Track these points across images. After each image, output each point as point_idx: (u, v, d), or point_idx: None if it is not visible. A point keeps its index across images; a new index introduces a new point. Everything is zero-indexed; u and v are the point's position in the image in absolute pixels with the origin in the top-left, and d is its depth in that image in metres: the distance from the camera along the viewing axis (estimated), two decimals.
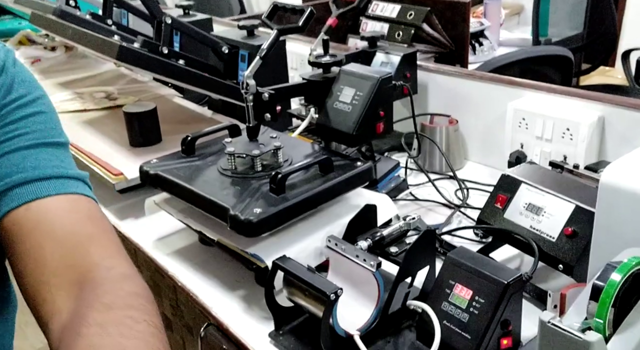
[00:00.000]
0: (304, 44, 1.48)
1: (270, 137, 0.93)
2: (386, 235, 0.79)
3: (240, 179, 0.86)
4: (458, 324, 0.66)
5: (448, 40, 1.39)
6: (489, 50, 1.98)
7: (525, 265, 0.88)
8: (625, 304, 0.52)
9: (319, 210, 0.86)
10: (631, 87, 1.93)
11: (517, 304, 0.67)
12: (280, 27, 0.93)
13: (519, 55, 1.66)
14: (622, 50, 1.98)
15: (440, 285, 0.69)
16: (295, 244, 0.81)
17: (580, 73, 2.14)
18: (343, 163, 0.88)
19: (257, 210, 0.76)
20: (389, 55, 1.21)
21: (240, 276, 0.89)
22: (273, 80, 0.99)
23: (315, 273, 0.71)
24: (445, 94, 1.25)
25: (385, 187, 1.07)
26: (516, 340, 0.68)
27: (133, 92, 1.57)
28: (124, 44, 1.02)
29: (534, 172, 0.86)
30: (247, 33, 1.28)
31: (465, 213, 1.03)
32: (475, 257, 0.70)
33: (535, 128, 1.08)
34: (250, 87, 0.87)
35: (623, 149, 0.98)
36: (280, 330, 0.76)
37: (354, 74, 0.97)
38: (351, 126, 0.93)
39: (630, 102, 0.99)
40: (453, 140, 1.20)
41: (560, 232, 0.76)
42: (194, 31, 1.23)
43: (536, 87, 1.10)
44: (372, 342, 0.71)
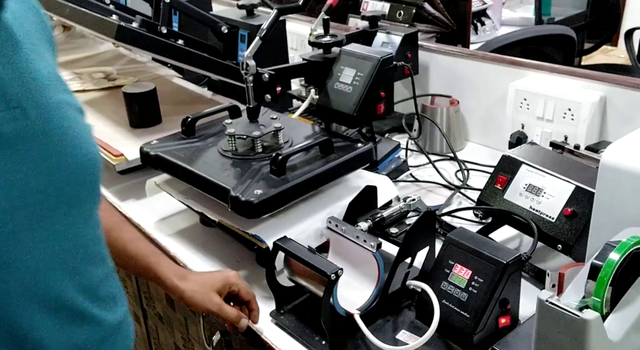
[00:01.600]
0: (304, 24, 1.47)
1: (271, 118, 0.93)
2: (386, 216, 0.80)
3: (241, 160, 0.86)
4: (457, 303, 0.67)
5: (450, 19, 1.37)
6: (491, 29, 1.96)
7: (524, 245, 0.88)
8: (623, 283, 0.52)
9: (319, 192, 0.86)
10: (634, 66, 1.91)
11: (515, 283, 0.68)
12: (280, 6, 0.92)
13: (521, 34, 1.64)
14: (625, 29, 1.96)
15: (439, 265, 0.70)
16: (296, 225, 0.82)
17: (583, 52, 2.12)
18: (343, 144, 0.88)
19: (258, 191, 0.76)
20: (390, 35, 1.20)
21: (241, 257, 0.90)
22: (273, 61, 0.99)
23: (315, 254, 0.72)
24: (447, 74, 1.24)
25: (385, 169, 1.08)
26: (514, 319, 0.69)
27: (132, 73, 1.56)
28: (123, 24, 1.01)
29: (535, 152, 0.86)
30: (246, 13, 1.26)
31: (465, 194, 1.03)
32: (474, 238, 0.71)
33: (536, 108, 1.07)
34: (250, 68, 0.87)
35: (624, 129, 0.98)
36: (281, 310, 0.77)
37: (355, 54, 0.96)
38: (352, 107, 0.92)
39: (632, 82, 0.99)
40: (454, 121, 1.20)
41: (560, 212, 0.76)
42: (193, 11, 1.21)
43: (538, 67, 1.10)
44: (372, 321, 0.72)
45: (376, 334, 0.68)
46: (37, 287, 0.52)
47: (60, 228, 0.54)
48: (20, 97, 0.51)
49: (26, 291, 0.52)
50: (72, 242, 0.56)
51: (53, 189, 0.53)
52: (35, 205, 0.51)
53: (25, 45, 0.54)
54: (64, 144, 0.54)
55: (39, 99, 0.53)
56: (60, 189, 0.54)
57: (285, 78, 1.00)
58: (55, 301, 0.54)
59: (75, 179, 0.55)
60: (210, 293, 0.72)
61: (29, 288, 0.52)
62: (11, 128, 0.50)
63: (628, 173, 0.59)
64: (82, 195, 0.57)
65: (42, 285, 0.53)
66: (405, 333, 0.71)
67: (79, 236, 0.57)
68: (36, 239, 0.52)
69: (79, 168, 0.56)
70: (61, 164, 0.54)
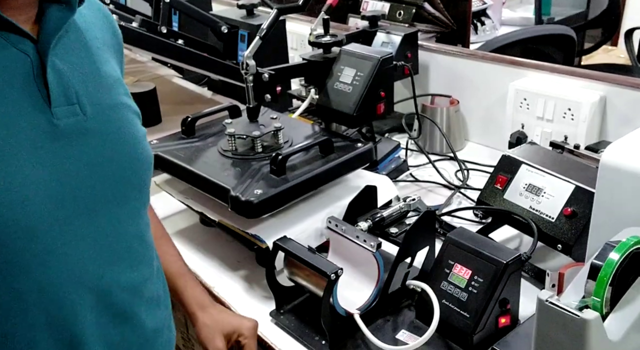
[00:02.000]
0: (304, 24, 1.47)
1: (271, 118, 0.93)
2: (386, 216, 0.80)
3: (241, 160, 0.86)
4: (457, 303, 0.67)
5: (450, 19, 1.37)
6: (491, 29, 1.96)
7: (524, 245, 0.88)
8: (623, 283, 0.52)
9: (319, 192, 0.86)
10: (634, 66, 1.91)
11: (515, 283, 0.68)
12: (280, 6, 0.92)
13: (521, 34, 1.64)
14: (625, 29, 1.96)
15: (439, 265, 0.70)
16: (296, 225, 0.81)
17: (583, 52, 2.12)
18: (343, 144, 0.88)
19: (258, 191, 0.76)
20: (390, 35, 1.20)
21: (241, 256, 0.90)
22: (273, 61, 0.99)
23: (315, 253, 0.72)
24: (447, 74, 1.24)
25: (385, 168, 1.08)
26: (514, 319, 0.69)
27: (132, 72, 1.56)
28: (123, 24, 1.01)
29: (535, 152, 0.86)
30: (246, 12, 1.27)
31: (465, 194, 1.03)
32: (474, 238, 0.71)
33: (536, 108, 1.07)
34: (250, 68, 0.87)
35: (624, 128, 0.98)
36: (281, 310, 0.77)
37: (355, 54, 0.96)
38: (352, 107, 0.92)
39: (632, 82, 0.99)
40: (454, 121, 1.20)
41: (560, 212, 0.76)
42: (193, 10, 1.21)
43: (538, 67, 1.10)
44: (372, 321, 0.72)
45: (376, 334, 0.68)
46: (82, 277, 0.53)
47: (106, 223, 0.55)
48: (80, 95, 0.54)
49: (71, 279, 0.53)
50: (117, 238, 0.57)
51: (103, 185, 0.55)
52: (84, 197, 0.53)
53: (92, 48, 0.58)
54: (117, 142, 0.56)
55: (98, 99, 0.56)
56: (109, 185, 0.55)
57: (285, 78, 1.00)
58: (97, 293, 0.54)
59: (125, 178, 0.57)
60: (217, 334, 0.71)
61: (73, 277, 0.53)
62: (69, 122, 0.52)
63: (628, 173, 0.59)
64: (130, 193, 0.58)
65: (86, 276, 0.54)
66: (405, 333, 0.71)
67: (124, 233, 0.58)
68: (83, 231, 0.53)
69: (130, 167, 0.58)
70: (113, 162, 0.56)
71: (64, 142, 0.52)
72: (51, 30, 0.52)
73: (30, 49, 0.51)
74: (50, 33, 0.52)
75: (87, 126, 0.54)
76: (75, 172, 0.53)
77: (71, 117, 0.53)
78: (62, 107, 0.52)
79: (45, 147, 0.51)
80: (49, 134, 0.51)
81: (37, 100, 0.51)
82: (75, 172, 0.53)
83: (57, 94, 0.52)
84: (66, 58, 0.54)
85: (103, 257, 0.55)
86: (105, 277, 0.55)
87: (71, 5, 0.54)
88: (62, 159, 0.52)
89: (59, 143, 0.52)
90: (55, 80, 0.52)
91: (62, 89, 0.52)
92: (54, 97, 0.52)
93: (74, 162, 0.53)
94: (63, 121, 0.52)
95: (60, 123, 0.52)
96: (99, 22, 0.61)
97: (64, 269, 0.52)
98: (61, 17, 0.53)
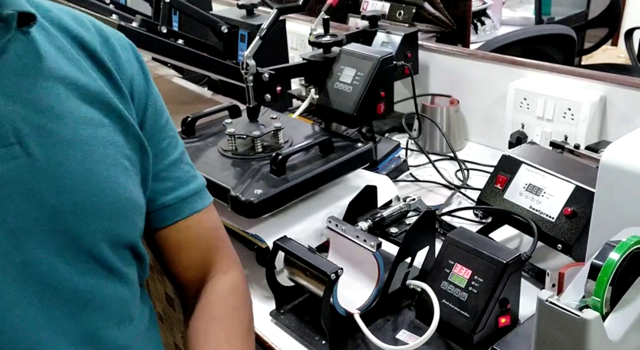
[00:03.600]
0: (304, 24, 1.47)
1: (271, 117, 0.93)
2: (386, 216, 0.80)
3: (241, 160, 0.86)
4: (457, 303, 0.67)
5: (450, 19, 1.37)
6: (491, 29, 1.96)
7: (524, 245, 0.88)
8: (623, 283, 0.52)
9: (319, 191, 0.86)
10: (634, 66, 1.91)
11: (515, 283, 0.68)
12: (280, 6, 0.92)
13: (521, 34, 1.64)
14: (625, 29, 1.96)
15: (439, 265, 0.70)
16: (296, 225, 0.82)
17: (583, 52, 2.12)
18: (343, 144, 0.88)
19: (258, 191, 0.76)
20: (390, 34, 1.20)
21: (241, 256, 0.90)
22: (273, 61, 0.99)
23: (315, 253, 0.72)
24: (447, 74, 1.24)
25: (385, 168, 1.08)
26: (514, 319, 0.69)
27: None
28: (123, 23, 1.01)
29: (535, 152, 0.85)
30: (246, 12, 1.26)
31: (465, 194, 1.03)
32: (474, 238, 0.71)
33: (536, 108, 1.07)
34: (250, 68, 0.87)
35: (624, 128, 0.98)
36: (281, 310, 0.77)
37: (355, 54, 0.96)
38: (352, 107, 0.92)
39: (632, 82, 0.99)
40: (454, 121, 1.20)
41: (560, 212, 0.76)
42: (193, 10, 1.21)
43: (538, 67, 1.10)
44: (372, 321, 0.72)
45: (376, 334, 0.68)
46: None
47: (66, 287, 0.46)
48: (21, 132, 0.44)
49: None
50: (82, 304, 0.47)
51: (59, 240, 0.45)
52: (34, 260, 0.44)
53: (54, 67, 0.48)
54: (77, 186, 0.46)
55: (50, 134, 0.46)
56: (67, 239, 0.46)
57: (285, 78, 1.00)
58: None
59: (90, 228, 0.47)
60: None
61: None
62: (9, 166, 0.43)
63: (628, 173, 0.59)
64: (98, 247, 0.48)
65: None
66: (405, 333, 0.71)
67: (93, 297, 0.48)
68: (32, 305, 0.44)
69: (97, 215, 0.47)
70: (71, 210, 0.46)
71: (4, 192, 0.43)
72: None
73: None
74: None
75: (36, 169, 0.44)
76: (21, 230, 0.43)
77: (11, 161, 0.43)
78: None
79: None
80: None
81: None
82: (20, 229, 0.43)
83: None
84: (6, 86, 0.44)
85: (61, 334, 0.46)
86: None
87: (8, 24, 0.44)
88: (2, 213, 0.42)
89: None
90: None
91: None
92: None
93: (19, 216, 0.43)
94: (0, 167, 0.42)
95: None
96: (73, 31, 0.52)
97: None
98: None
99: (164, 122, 0.61)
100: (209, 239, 0.64)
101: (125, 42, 0.58)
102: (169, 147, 0.61)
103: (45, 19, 0.50)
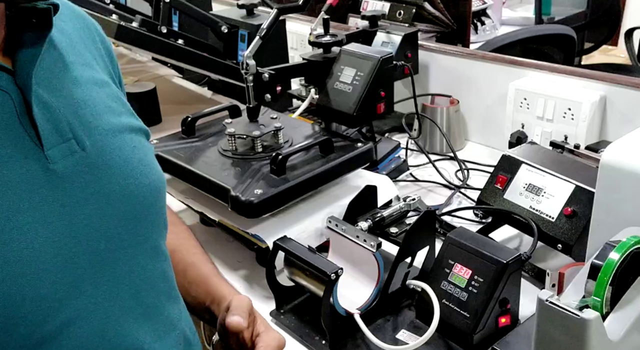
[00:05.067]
0: (304, 24, 1.47)
1: (271, 117, 0.93)
2: (386, 216, 0.80)
3: (241, 160, 0.86)
4: (457, 303, 0.67)
5: (450, 19, 1.37)
6: (491, 29, 1.96)
7: (524, 245, 0.88)
8: (623, 283, 0.52)
9: (319, 191, 0.86)
10: (634, 66, 1.91)
11: (515, 283, 0.68)
12: (280, 6, 0.92)
13: (521, 34, 1.65)
14: (625, 29, 1.96)
15: (440, 265, 0.70)
16: (296, 225, 0.81)
17: (583, 52, 2.12)
18: (343, 144, 0.88)
19: (258, 191, 0.76)
20: (390, 34, 1.20)
21: (241, 256, 0.90)
22: (273, 61, 0.99)
23: (315, 253, 0.71)
24: (447, 74, 1.24)
25: (385, 168, 1.07)
26: (514, 319, 0.69)
27: (132, 72, 1.56)
28: (123, 23, 1.01)
29: (535, 152, 0.85)
30: (246, 12, 1.27)
31: (465, 194, 1.03)
32: (474, 237, 0.71)
33: (536, 108, 1.07)
34: (250, 67, 0.87)
35: (624, 128, 0.98)
36: (282, 310, 0.77)
37: (355, 54, 0.96)
38: (352, 107, 0.92)
39: (632, 82, 0.99)
40: (454, 121, 1.20)
41: (560, 212, 0.76)
42: (193, 10, 1.21)
43: (538, 67, 1.10)
44: (372, 321, 0.72)
45: (376, 334, 0.68)
46: (109, 338, 0.47)
47: (125, 270, 0.49)
48: (74, 127, 0.46)
49: (97, 346, 0.46)
50: (140, 284, 0.50)
51: (116, 227, 0.48)
52: (98, 248, 0.46)
53: (77, 67, 0.49)
54: (126, 173, 0.49)
55: (95, 126, 0.48)
56: (124, 225, 0.49)
57: (285, 78, 1.00)
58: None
59: (140, 212, 0.50)
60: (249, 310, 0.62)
61: (99, 342, 0.46)
62: (67, 163, 0.45)
63: (628, 173, 0.59)
64: (147, 229, 0.52)
65: (114, 336, 0.48)
66: (405, 333, 0.71)
67: (147, 277, 0.51)
68: (101, 288, 0.47)
69: (143, 198, 0.51)
70: (124, 197, 0.49)
71: (67, 187, 0.45)
72: (29, 56, 0.44)
73: (9, 83, 0.43)
74: (28, 60, 0.44)
75: (90, 162, 0.47)
76: (85, 221, 0.46)
77: (69, 156, 0.45)
78: (56, 147, 0.44)
79: (47, 200, 0.43)
80: (47, 183, 0.44)
81: (26, 145, 0.43)
82: (85, 220, 0.46)
83: (48, 133, 0.44)
84: (51, 86, 0.46)
85: (128, 309, 0.49)
86: (135, 329, 0.49)
87: (47, 22, 0.45)
88: (68, 209, 0.45)
89: (60, 191, 0.44)
90: (43, 117, 0.44)
91: (52, 125, 0.44)
92: (45, 137, 0.44)
93: (82, 209, 0.45)
94: (60, 163, 0.44)
95: (57, 167, 0.44)
96: (82, 34, 0.53)
97: (88, 336, 0.46)
98: (37, 39, 0.45)
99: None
100: None
101: (90, 21, 0.58)
102: None
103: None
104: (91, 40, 0.55)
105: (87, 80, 0.50)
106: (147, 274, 0.52)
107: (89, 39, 0.55)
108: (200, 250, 0.73)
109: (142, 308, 0.51)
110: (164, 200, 0.56)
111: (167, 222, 0.58)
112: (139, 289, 0.51)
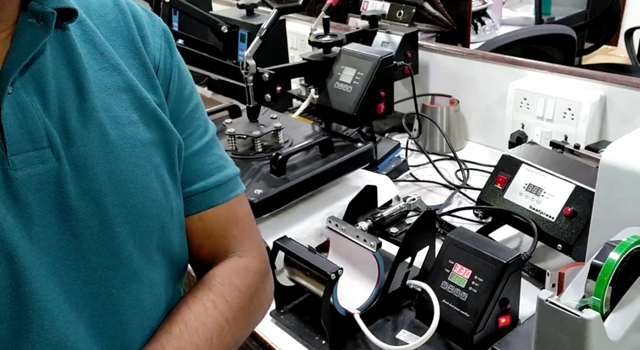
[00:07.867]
0: (304, 24, 1.47)
1: (271, 117, 0.93)
2: (386, 215, 0.80)
3: (241, 159, 0.86)
4: (457, 303, 0.67)
5: (450, 19, 1.37)
6: (491, 29, 1.96)
7: (524, 245, 0.88)
8: (623, 283, 0.52)
9: (319, 191, 0.86)
10: (634, 66, 1.91)
11: (515, 283, 0.68)
12: (280, 6, 0.92)
13: (521, 34, 1.64)
14: (625, 29, 1.96)
15: (440, 265, 0.70)
16: (296, 225, 0.82)
17: (583, 52, 2.12)
18: (343, 144, 0.88)
19: (258, 191, 0.76)
20: (390, 34, 1.20)
21: None
22: (273, 61, 0.99)
23: (315, 253, 0.72)
24: (447, 74, 1.24)
25: (385, 168, 1.08)
26: (514, 319, 0.69)
27: None
28: None
29: (535, 152, 0.85)
30: (246, 12, 1.27)
31: (465, 194, 1.03)
32: (474, 237, 0.71)
33: (536, 108, 1.07)
34: (250, 67, 0.87)
35: (624, 128, 0.98)
36: (282, 310, 0.77)
37: (355, 54, 0.96)
38: (352, 107, 0.92)
39: (632, 82, 0.99)
40: (454, 121, 1.20)
41: (560, 212, 0.76)
42: (193, 10, 1.21)
43: (538, 67, 1.10)
44: (372, 321, 0.72)
45: (376, 334, 0.68)
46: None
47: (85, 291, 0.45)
48: (52, 135, 0.43)
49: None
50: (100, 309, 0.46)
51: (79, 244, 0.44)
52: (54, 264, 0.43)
53: (90, 73, 0.47)
54: (105, 191, 0.46)
55: (81, 137, 0.45)
56: (90, 245, 0.45)
57: (285, 78, 1.00)
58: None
59: (117, 233, 0.46)
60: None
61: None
62: (34, 171, 0.42)
63: (628, 173, 0.59)
64: (125, 252, 0.47)
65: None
66: (405, 333, 0.71)
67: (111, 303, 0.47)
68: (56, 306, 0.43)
69: (123, 220, 0.46)
70: (94, 214, 0.45)
71: (27, 197, 0.42)
72: (16, 57, 0.42)
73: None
74: (17, 58, 0.42)
75: (62, 174, 0.43)
76: (42, 233, 0.42)
77: (37, 165, 0.42)
78: (23, 154, 0.42)
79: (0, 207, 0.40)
80: (3, 189, 0.41)
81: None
82: (41, 233, 0.42)
83: (18, 138, 0.42)
84: (41, 91, 0.43)
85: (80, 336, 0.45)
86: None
87: (47, 24, 0.44)
88: (25, 220, 0.42)
89: (17, 200, 0.41)
90: (15, 121, 0.42)
91: (25, 131, 0.42)
92: (12, 142, 0.41)
93: (40, 220, 0.42)
94: (23, 171, 0.42)
95: (18, 174, 0.41)
96: (113, 30, 0.50)
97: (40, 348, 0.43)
98: (32, 42, 0.43)
99: (188, 93, 0.58)
100: (226, 229, 0.59)
101: (157, 20, 0.56)
102: (193, 137, 0.57)
103: (87, 12, 0.49)
104: (128, 39, 0.51)
105: (99, 87, 0.47)
106: (113, 300, 0.47)
107: (125, 38, 0.51)
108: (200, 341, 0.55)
109: (106, 334, 0.47)
110: (164, 225, 0.51)
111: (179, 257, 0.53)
112: (105, 313, 0.47)
